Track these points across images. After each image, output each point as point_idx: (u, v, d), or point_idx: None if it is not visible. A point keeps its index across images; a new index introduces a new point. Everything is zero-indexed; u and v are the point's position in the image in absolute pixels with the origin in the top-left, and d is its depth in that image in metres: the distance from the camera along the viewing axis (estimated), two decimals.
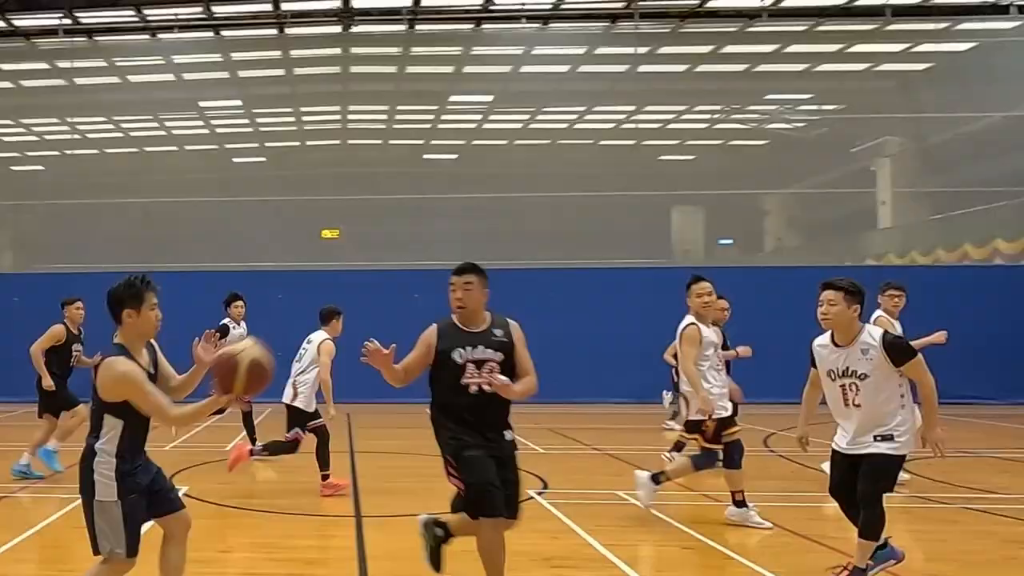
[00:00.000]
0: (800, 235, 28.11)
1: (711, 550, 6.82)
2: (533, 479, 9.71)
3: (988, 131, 24.97)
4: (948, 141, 25.52)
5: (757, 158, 26.99)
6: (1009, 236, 24.59)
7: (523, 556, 6.50)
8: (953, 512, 8.62)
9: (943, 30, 25.42)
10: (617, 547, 6.76)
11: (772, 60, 26.21)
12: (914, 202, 26.55)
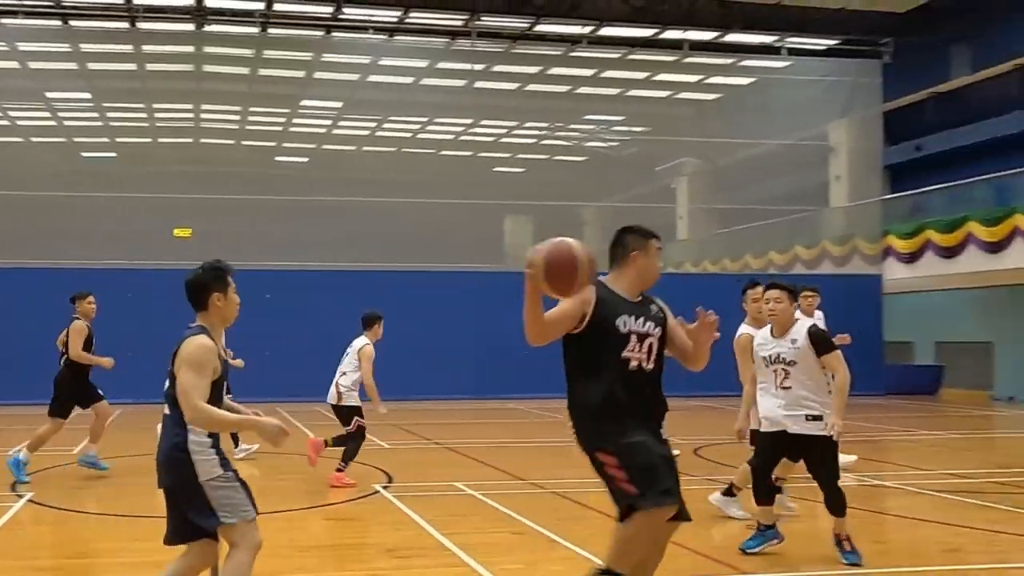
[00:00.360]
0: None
1: (539, 535, 6.97)
2: (379, 473, 9.80)
3: (766, 156, 26.55)
4: (734, 164, 27.07)
5: (578, 173, 27.70)
6: (780, 248, 26.37)
7: (368, 548, 6.63)
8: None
9: (730, 65, 26.79)
10: (454, 536, 6.85)
11: (590, 83, 27.03)
12: (706, 217, 27.98)
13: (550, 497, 8.69)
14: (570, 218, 27.19)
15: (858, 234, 25.46)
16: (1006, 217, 20.91)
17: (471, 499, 8.41)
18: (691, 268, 27.48)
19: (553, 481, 9.36)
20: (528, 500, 8.54)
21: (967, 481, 10.03)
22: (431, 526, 7.20)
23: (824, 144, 27.43)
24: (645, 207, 27.55)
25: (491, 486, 9.05)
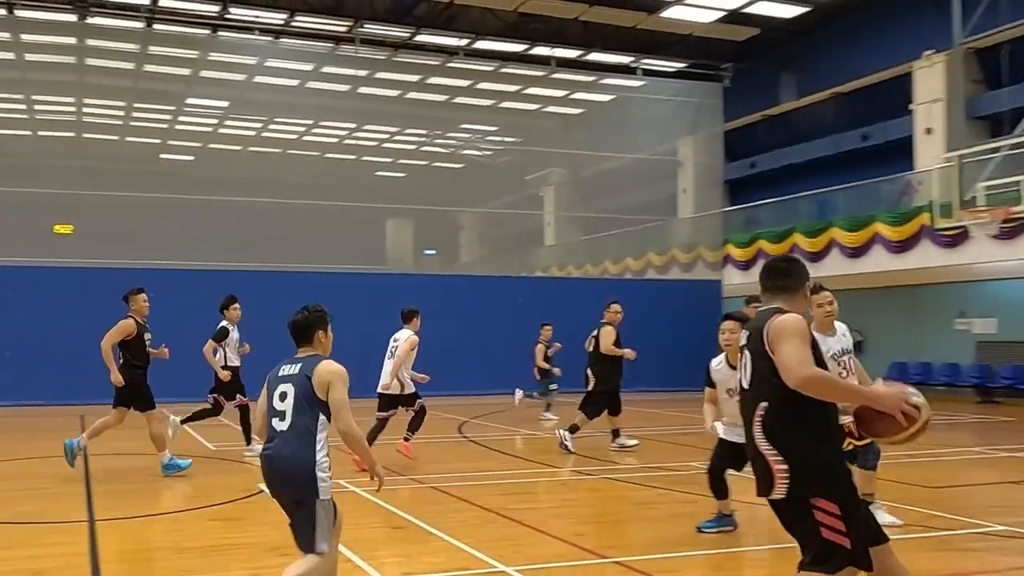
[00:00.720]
0: (487, 248, 29.06)
1: (417, 528, 6.96)
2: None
3: (624, 169, 27.11)
4: (596, 175, 27.55)
5: (455, 179, 27.66)
6: (636, 255, 26.96)
7: (251, 547, 6.36)
8: (597, 482, 9.30)
9: (592, 82, 27.21)
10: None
11: (467, 94, 27.11)
12: (571, 224, 28.39)
13: (428, 491, 8.68)
14: (448, 223, 27.19)
15: (702, 242, 26.11)
16: (825, 230, 21.87)
17: (353, 496, 8.23)
18: (557, 272, 27.90)
19: (432, 476, 9.35)
20: (407, 495, 8.51)
21: None
22: None
23: (674, 159, 28.24)
24: (516, 214, 27.84)
25: (372, 482, 8.91)
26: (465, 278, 23.33)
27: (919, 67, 22.20)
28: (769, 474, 3.82)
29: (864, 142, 24.45)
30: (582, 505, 7.97)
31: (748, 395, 4.00)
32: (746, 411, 4.00)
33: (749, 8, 23.57)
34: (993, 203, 15.72)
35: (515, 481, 8.44)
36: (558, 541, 6.55)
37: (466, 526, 7.03)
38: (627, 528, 7.16)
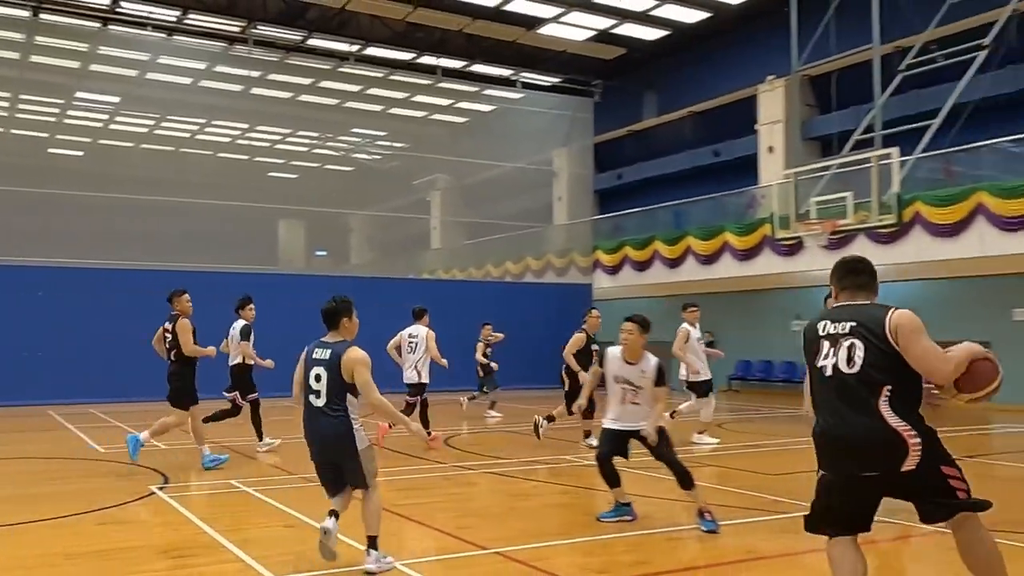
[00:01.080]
0: (376, 251, 28.61)
1: (308, 526, 6.73)
2: (155, 475, 9.04)
3: (504, 177, 27.09)
4: (479, 182, 27.37)
5: (345, 182, 26.93)
6: (515, 259, 26.92)
7: (143, 550, 6.05)
8: (479, 476, 9.27)
9: (475, 93, 27.09)
10: (230, 532, 6.46)
11: (357, 99, 26.54)
12: (455, 229, 28.19)
13: (319, 489, 8.34)
14: (339, 224, 26.61)
15: (574, 248, 26.27)
16: (682, 238, 22.33)
17: (246, 496, 7.98)
18: (443, 275, 27.55)
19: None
20: (299, 493, 8.26)
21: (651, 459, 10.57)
22: (206, 524, 6.74)
23: (549, 169, 28.45)
24: (404, 217, 27.49)
25: (265, 482, 8.65)
26: (355, 279, 22.76)
27: (763, 91, 22.98)
28: (903, 448, 3.90)
29: (716, 158, 25.10)
30: (465, 499, 7.96)
31: (853, 380, 4.04)
32: (852, 392, 4.05)
33: (617, 29, 24.05)
34: (823, 216, 16.07)
35: (402, 477, 8.37)
36: (442, 535, 6.53)
37: (355, 523, 6.66)
38: (506, 520, 7.15)
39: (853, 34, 16.84)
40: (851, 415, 4.04)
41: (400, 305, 21.32)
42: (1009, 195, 15.84)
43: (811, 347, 4.25)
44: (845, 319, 4.16)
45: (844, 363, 4.07)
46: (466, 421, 15.26)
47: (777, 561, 5.76)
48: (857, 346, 4.05)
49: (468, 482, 8.96)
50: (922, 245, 17.24)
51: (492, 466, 9.90)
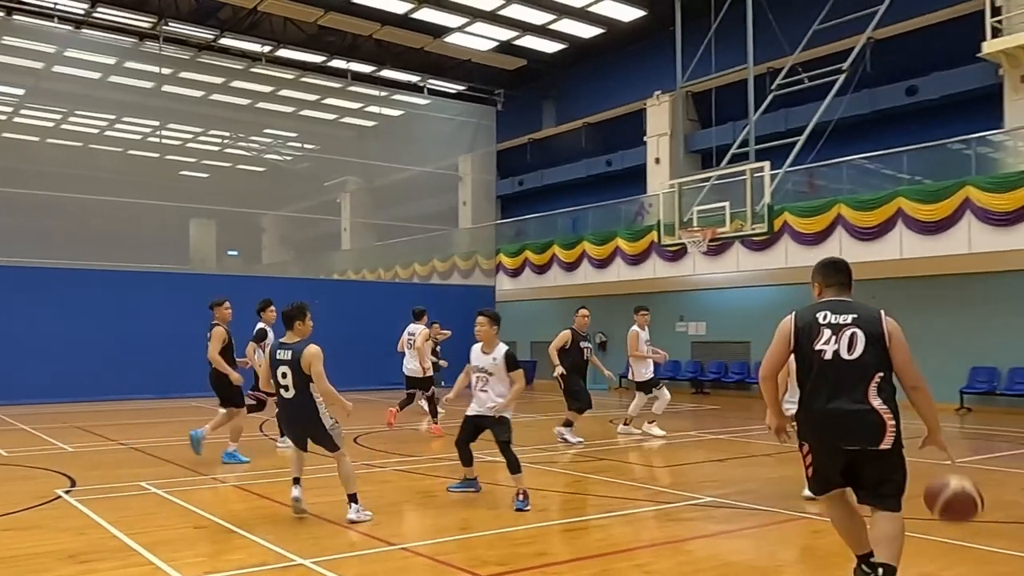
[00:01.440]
0: (288, 251, 27.79)
1: (219, 527, 6.53)
2: (61, 478, 8.51)
3: (412, 180, 26.72)
4: (388, 185, 26.88)
5: (257, 182, 25.96)
6: (422, 261, 26.58)
7: (48, 556, 5.66)
8: (388, 474, 9.11)
9: (384, 97, 26.60)
10: (138, 535, 6.09)
11: (269, 99, 25.59)
12: (365, 231, 27.66)
13: (230, 490, 8.15)
14: (250, 224, 25.74)
15: (478, 251, 26.12)
16: (578, 243, 22.46)
17: (155, 497, 7.60)
18: (352, 275, 26.87)
19: (234, 474, 8.78)
20: (209, 494, 7.98)
21: (548, 454, 10.62)
22: (115, 528, 6.34)
23: (455, 174, 28.27)
24: (315, 218, 26.77)
25: (174, 483, 8.26)
26: (267, 279, 21.99)
27: (651, 105, 23.36)
28: (881, 429, 4.29)
29: (608, 167, 25.40)
30: (374, 496, 7.73)
31: (853, 365, 4.36)
32: (850, 375, 4.36)
33: (518, 41, 24.09)
34: (704, 224, 16.31)
35: (313, 476, 8.09)
36: (352, 532, 6.38)
37: (266, 522, 6.68)
38: (413, 516, 7.08)
39: (731, 54, 17.14)
40: (845, 395, 4.34)
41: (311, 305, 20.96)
42: (864, 207, 16.52)
43: (809, 332, 4.48)
44: (845, 311, 4.47)
45: (845, 350, 4.38)
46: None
47: (664, 548, 5.87)
48: (858, 336, 4.37)
49: (378, 480, 8.77)
50: (790, 252, 17.77)
51: (401, 463, 9.76)
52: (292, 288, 21.29)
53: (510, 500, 7.18)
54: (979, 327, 16.32)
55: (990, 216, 14.81)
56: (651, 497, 7.65)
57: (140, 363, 18.39)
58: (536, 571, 5.21)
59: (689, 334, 22.08)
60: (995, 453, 10.73)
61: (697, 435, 12.82)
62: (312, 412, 6.63)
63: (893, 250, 15.99)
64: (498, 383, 7.34)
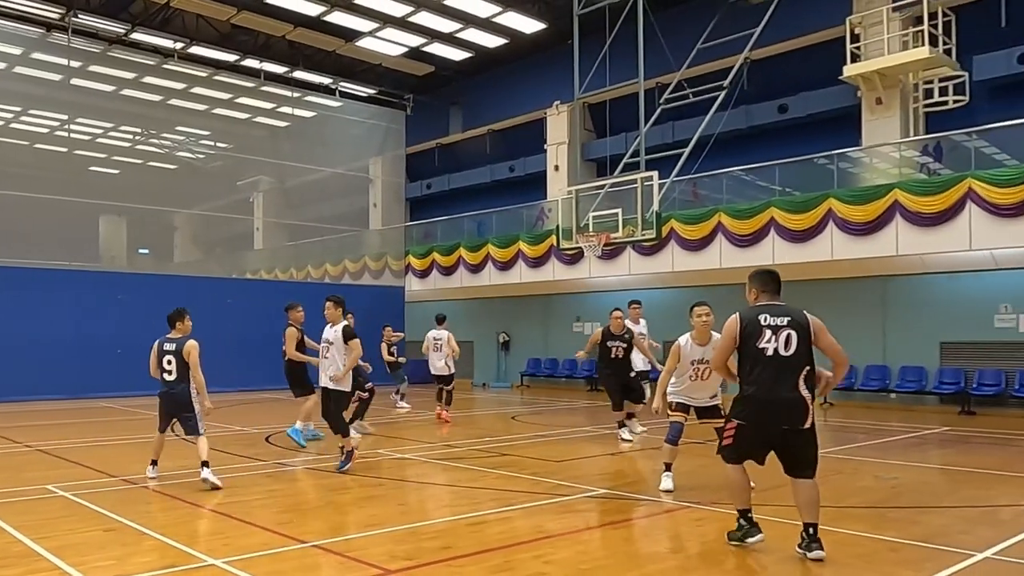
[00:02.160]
0: (201, 250, 26.66)
1: (129, 529, 6.22)
2: None
3: (324, 181, 25.93)
4: (300, 185, 25.97)
5: (169, 180, 24.59)
6: (334, 261, 25.92)
7: None
8: (299, 472, 8.92)
9: (297, 98, 25.77)
10: (45, 539, 5.79)
11: (181, 97, 24.32)
12: (278, 230, 26.69)
13: (139, 491, 7.77)
14: (162, 222, 24.51)
15: (388, 252, 25.63)
16: (483, 246, 22.26)
17: (63, 500, 7.20)
18: (265, 275, 25.93)
19: (143, 476, 8.34)
20: (119, 496, 7.58)
21: (454, 450, 10.67)
22: (20, 532, 5.99)
23: (366, 176, 27.69)
24: (228, 217, 25.68)
25: (83, 485, 7.84)
26: (179, 278, 21.02)
27: (551, 114, 23.44)
28: (806, 411, 5.12)
29: (511, 173, 25.41)
30: (285, 495, 7.62)
31: (789, 360, 5.13)
32: (788, 369, 5.13)
33: (427, 48, 23.85)
34: (599, 230, 16.33)
35: (224, 476, 7.87)
36: (263, 531, 6.20)
37: (177, 523, 6.44)
38: (323, 513, 6.93)
39: (624, 69, 17.30)
40: (782, 385, 5.09)
41: (223, 304, 20.28)
42: (741, 216, 17.01)
43: (753, 332, 5.18)
44: (781, 315, 5.21)
45: (783, 347, 5.11)
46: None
47: (562, 539, 5.94)
48: (793, 336, 5.13)
49: (289, 478, 8.58)
50: (676, 257, 18.10)
51: (311, 462, 9.55)
52: (204, 287, 20.57)
53: (417, 497, 7.15)
54: (839, 329, 16.80)
55: (849, 226, 15.47)
56: (550, 490, 7.70)
57: (47, 363, 17.33)
58: (443, 564, 5.21)
59: (585, 334, 22.09)
60: (853, 444, 11.27)
61: (593, 430, 12.94)
62: (187, 396, 7.80)
63: (766, 256, 16.46)
64: (336, 352, 8.60)
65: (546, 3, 21.52)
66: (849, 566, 5.17)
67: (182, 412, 7.85)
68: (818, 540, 5.21)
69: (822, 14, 17.98)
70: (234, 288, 21.77)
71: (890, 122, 16.73)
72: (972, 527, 6.23)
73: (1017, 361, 15.10)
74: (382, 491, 7.60)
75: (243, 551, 5.60)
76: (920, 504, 7.05)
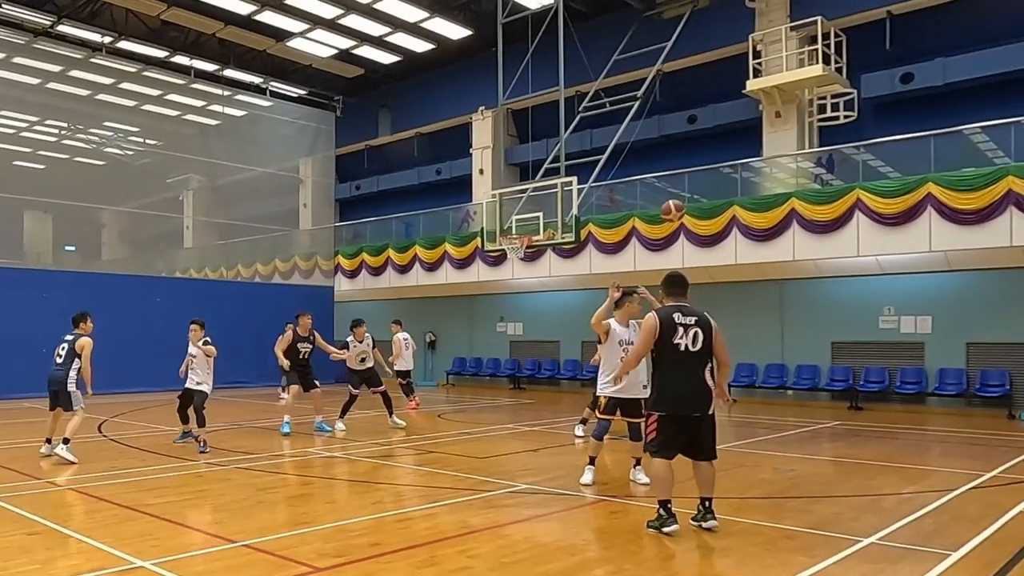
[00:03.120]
0: (129, 248, 25.54)
1: (54, 532, 5.95)
2: None
3: (254, 181, 25.18)
4: (230, 184, 25.18)
5: (97, 176, 23.35)
6: (264, 260, 25.20)
7: None
8: (228, 472, 8.65)
9: (228, 97, 24.94)
10: None
11: (109, 92, 23.19)
12: (208, 229, 25.76)
13: (66, 494, 7.44)
14: (89, 219, 23.29)
15: (318, 252, 25.05)
16: (410, 247, 22.00)
17: None
18: (195, 274, 24.92)
19: (70, 477, 8.01)
20: (43, 499, 7.24)
21: (383, 448, 10.54)
22: None
23: (296, 176, 27.08)
24: (158, 215, 24.66)
25: (5, 488, 7.45)
26: (107, 276, 20.05)
27: (476, 119, 23.32)
28: (710, 399, 5.64)
29: (438, 176, 25.17)
30: (215, 495, 7.40)
31: (697, 355, 5.64)
32: (696, 363, 5.65)
33: (357, 50, 23.43)
34: (521, 233, 16.35)
35: (153, 477, 7.62)
36: (193, 531, 6.05)
37: (104, 526, 6.17)
38: (254, 513, 6.77)
39: (546, 77, 17.33)
40: (693, 377, 5.62)
41: (152, 302, 19.48)
42: (653, 221, 17.17)
43: (669, 330, 5.64)
44: (690, 315, 5.71)
45: (691, 343, 5.62)
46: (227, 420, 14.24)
47: (485, 533, 5.98)
48: (699, 334, 5.65)
49: (219, 478, 8.33)
50: (594, 260, 18.28)
51: (241, 461, 9.30)
52: (132, 285, 19.75)
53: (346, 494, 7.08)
54: (742, 330, 17.34)
55: (752, 232, 15.93)
56: (474, 486, 7.74)
57: None
58: (371, 561, 5.18)
59: (508, 334, 22.33)
60: (754, 438, 11.65)
61: (514, 427, 12.94)
62: (65, 378, 8.91)
63: (676, 260, 16.80)
64: (198, 365, 9.88)
65: (472, 11, 21.47)
66: (750, 554, 5.39)
67: (61, 391, 8.93)
68: (712, 512, 5.86)
69: (728, 31, 18.39)
70: (163, 287, 20.91)
71: (788, 135, 17.25)
72: (860, 514, 6.56)
73: (899, 359, 15.86)
74: (312, 489, 7.50)
75: (173, 552, 5.44)
76: (814, 494, 7.34)
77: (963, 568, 5.05)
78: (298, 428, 11.80)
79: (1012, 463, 9.18)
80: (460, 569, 5.04)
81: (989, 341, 14.96)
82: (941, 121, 15.08)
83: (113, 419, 13.34)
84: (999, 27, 15.73)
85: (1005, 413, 14.56)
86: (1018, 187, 13.06)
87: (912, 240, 14.20)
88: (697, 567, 5.12)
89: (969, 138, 14.77)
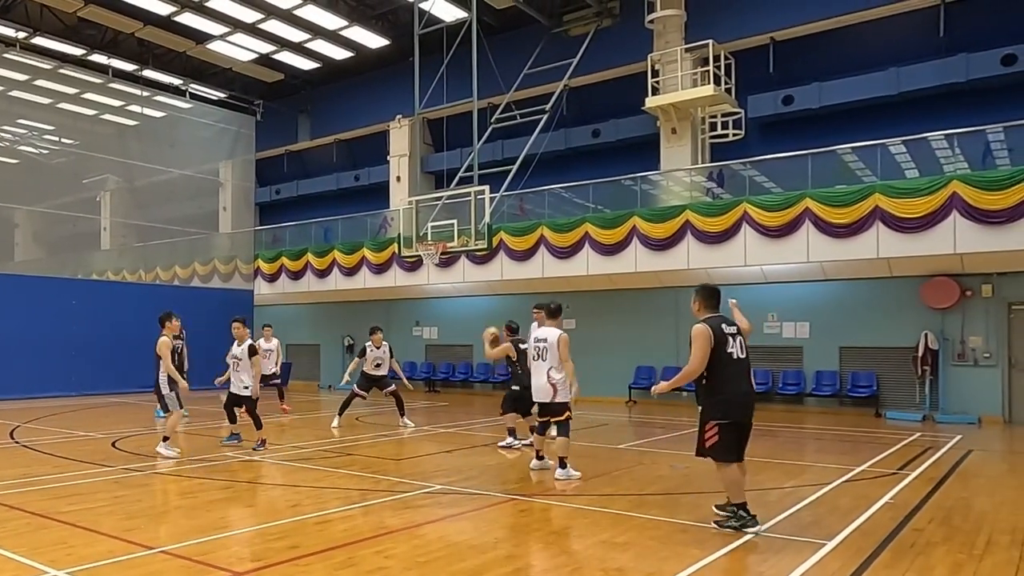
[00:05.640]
0: (44, 249, 23.97)
1: None
2: None
3: (173, 183, 24.19)
4: (149, 186, 24.06)
5: (10, 174, 21.81)
6: (183, 263, 24.28)
7: None
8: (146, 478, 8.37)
9: (147, 98, 23.87)
10: None
11: (24, 88, 21.74)
12: (125, 231, 24.57)
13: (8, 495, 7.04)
14: (2, 219, 21.67)
15: (238, 256, 24.30)
16: (329, 252, 21.59)
17: None
18: (112, 276, 23.66)
19: None
20: None
21: (301, 451, 10.40)
22: None
23: (216, 179, 26.11)
24: (74, 216, 23.26)
25: None
26: (20, 278, 18.85)
27: (393, 127, 23.04)
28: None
29: (356, 182, 24.81)
30: (132, 501, 7.08)
31: (745, 360, 5.87)
32: (747, 369, 5.85)
33: (277, 56, 22.90)
34: (437, 239, 16.26)
35: (68, 484, 7.25)
36: (110, 538, 5.78)
37: (17, 534, 5.87)
38: (171, 518, 6.56)
39: (460, 88, 17.07)
40: (748, 382, 5.84)
41: (67, 305, 18.36)
42: (560, 230, 17.47)
43: (722, 339, 5.78)
44: (730, 324, 5.97)
45: (739, 351, 5.84)
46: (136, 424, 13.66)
47: (401, 534, 5.98)
48: (742, 341, 5.91)
49: (136, 483, 8.01)
50: (505, 267, 18.36)
51: (160, 467, 8.98)
52: (46, 287, 18.60)
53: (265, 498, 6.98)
54: (642, 333, 17.88)
55: (650, 242, 16.38)
56: (390, 488, 7.69)
57: None
58: (289, 564, 5.12)
59: (424, 338, 22.18)
60: (653, 437, 11.98)
61: (430, 429, 12.89)
62: (156, 381, 9.02)
63: (581, 267, 17.07)
64: (243, 368, 9.96)
65: (390, 21, 21.32)
66: (647, 547, 5.59)
67: (156, 392, 9.31)
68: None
69: (630, 50, 18.80)
70: (79, 289, 19.75)
71: (683, 150, 17.74)
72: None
73: (782, 362, 16.57)
74: (230, 493, 7.33)
75: (88, 560, 5.23)
76: (706, 490, 7.56)
77: (837, 556, 5.33)
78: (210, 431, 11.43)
79: (879, 458, 9.71)
80: (376, 569, 5.03)
81: (859, 345, 15.78)
82: (818, 141, 15.87)
83: (26, 424, 12.59)
84: (869, 56, 16.62)
85: (873, 412, 15.39)
86: (884, 204, 13.89)
87: (792, 251, 14.87)
88: (599, 561, 5.27)
89: (841, 157, 15.52)
